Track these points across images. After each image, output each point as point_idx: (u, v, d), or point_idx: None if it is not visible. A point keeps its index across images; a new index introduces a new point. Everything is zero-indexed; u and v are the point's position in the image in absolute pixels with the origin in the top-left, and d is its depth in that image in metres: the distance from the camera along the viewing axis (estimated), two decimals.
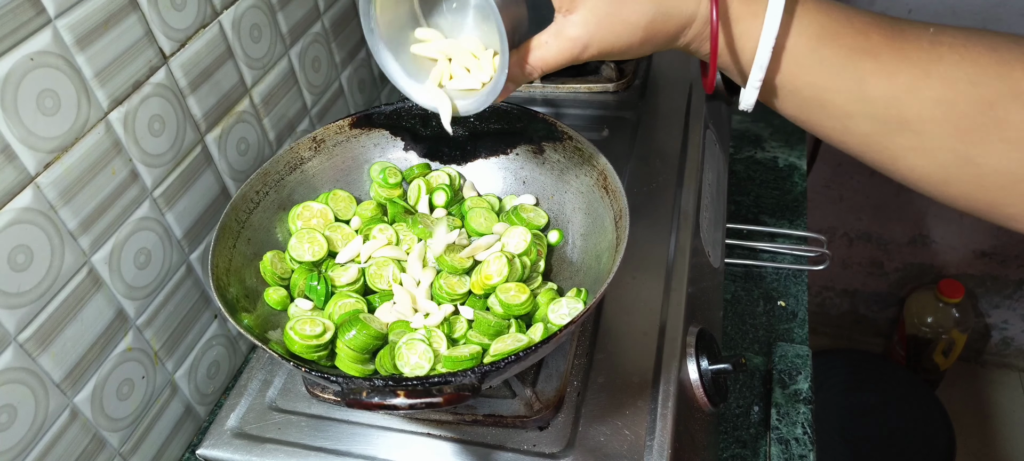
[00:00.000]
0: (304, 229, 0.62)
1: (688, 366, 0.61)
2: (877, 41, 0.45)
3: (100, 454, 0.61)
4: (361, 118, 0.67)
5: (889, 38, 0.45)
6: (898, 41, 0.44)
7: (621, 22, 0.46)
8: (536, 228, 0.63)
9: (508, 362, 0.46)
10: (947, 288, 1.73)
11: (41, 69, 0.51)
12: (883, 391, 1.75)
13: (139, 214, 0.62)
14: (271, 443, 0.58)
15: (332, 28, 0.87)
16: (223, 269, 0.55)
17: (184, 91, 0.65)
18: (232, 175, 0.73)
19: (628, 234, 0.53)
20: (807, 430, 0.70)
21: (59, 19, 0.52)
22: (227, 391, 0.76)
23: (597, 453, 0.54)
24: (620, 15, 0.46)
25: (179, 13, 0.63)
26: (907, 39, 0.44)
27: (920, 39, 0.44)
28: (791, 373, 0.74)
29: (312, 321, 0.54)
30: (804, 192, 1.00)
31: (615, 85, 0.91)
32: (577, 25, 0.47)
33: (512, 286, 0.57)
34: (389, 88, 1.03)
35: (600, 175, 0.60)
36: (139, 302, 0.63)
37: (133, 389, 0.64)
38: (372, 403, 0.44)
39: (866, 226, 1.81)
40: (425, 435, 0.58)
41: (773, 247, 0.91)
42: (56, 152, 0.53)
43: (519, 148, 0.67)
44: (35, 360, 0.54)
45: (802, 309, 0.84)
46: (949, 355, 1.82)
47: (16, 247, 0.51)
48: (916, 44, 0.44)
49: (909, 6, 1.43)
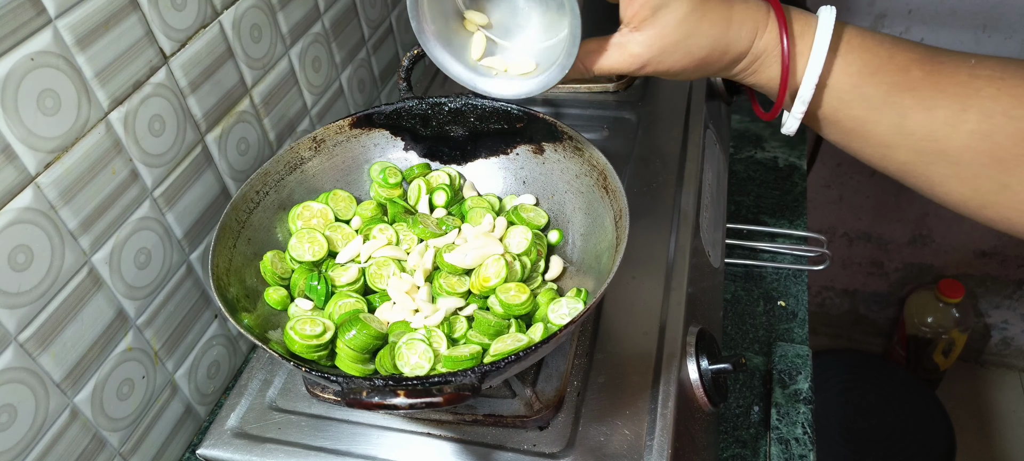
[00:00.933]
0: (304, 229, 0.62)
1: (688, 366, 0.61)
2: (917, 76, 0.46)
3: (100, 454, 0.61)
4: (361, 118, 0.67)
5: (929, 73, 0.46)
6: (936, 75, 0.46)
7: (684, 51, 0.48)
8: (536, 228, 0.63)
9: (508, 362, 0.46)
10: (947, 288, 1.73)
11: (41, 69, 0.51)
12: (883, 391, 1.75)
13: (139, 214, 0.62)
14: (271, 443, 0.58)
15: (332, 28, 0.87)
16: (223, 269, 0.55)
17: (184, 91, 0.65)
18: (232, 175, 0.73)
19: (628, 234, 0.53)
20: (807, 430, 0.70)
21: (59, 19, 0.52)
22: (227, 391, 0.76)
23: (597, 453, 0.54)
24: (684, 45, 0.48)
25: (179, 13, 0.63)
26: (945, 73, 0.46)
27: (958, 72, 0.45)
28: (791, 373, 0.74)
29: (312, 321, 0.54)
30: (804, 192, 1.00)
31: (615, 85, 0.91)
32: (641, 44, 0.48)
33: (512, 286, 0.57)
34: (389, 88, 1.03)
35: (600, 175, 0.60)
36: (139, 302, 0.63)
37: (133, 389, 0.64)
38: (372, 403, 0.44)
39: (866, 226, 1.81)
40: (425, 435, 0.58)
41: (773, 247, 0.91)
42: (56, 152, 0.53)
43: (519, 148, 0.67)
44: (35, 360, 0.54)
45: (802, 309, 0.84)
46: (949, 355, 1.82)
47: (16, 247, 0.51)
48: (954, 78, 0.45)
49: (909, 6, 1.43)
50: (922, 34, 1.46)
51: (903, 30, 1.47)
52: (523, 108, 0.64)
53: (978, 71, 0.45)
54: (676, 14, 0.47)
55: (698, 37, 0.48)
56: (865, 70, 0.47)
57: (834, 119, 0.49)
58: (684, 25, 0.47)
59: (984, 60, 0.45)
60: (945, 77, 0.45)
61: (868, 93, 0.47)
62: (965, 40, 1.44)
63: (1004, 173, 0.44)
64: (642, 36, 0.48)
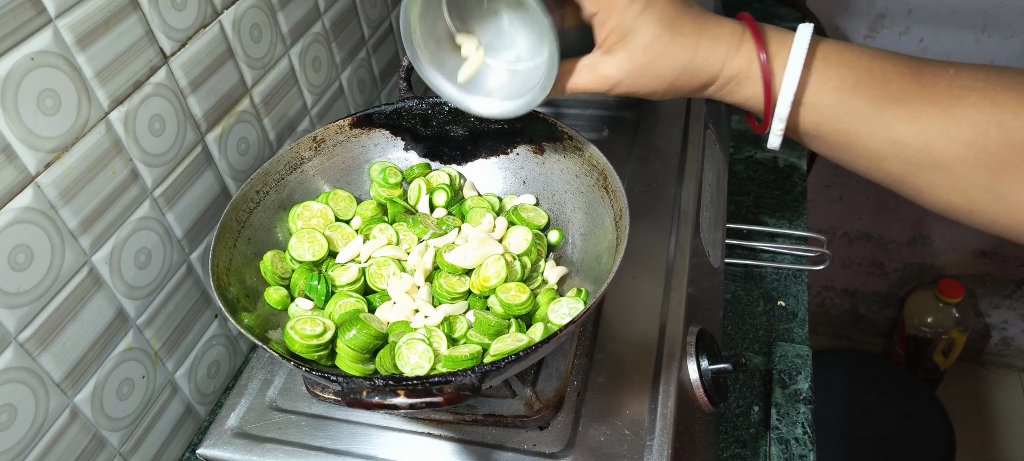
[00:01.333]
0: (304, 229, 0.62)
1: (688, 366, 0.61)
2: (901, 87, 0.47)
3: (100, 454, 0.61)
4: (361, 118, 0.67)
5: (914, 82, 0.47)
6: (919, 85, 0.46)
7: (652, 74, 0.50)
8: (536, 228, 0.63)
9: (508, 362, 0.46)
10: (947, 288, 1.73)
11: (41, 69, 0.51)
12: (883, 391, 1.75)
13: (139, 214, 0.62)
14: (271, 443, 0.58)
15: (332, 28, 0.87)
16: (223, 269, 0.56)
17: (184, 91, 0.65)
18: (232, 175, 0.73)
19: (628, 234, 0.53)
20: (807, 430, 0.70)
21: (59, 19, 0.52)
22: (227, 391, 0.76)
23: (597, 453, 0.54)
24: (652, 69, 0.50)
25: (179, 13, 0.63)
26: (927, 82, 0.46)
27: (939, 80, 0.46)
28: (791, 373, 0.75)
29: (312, 321, 0.54)
30: (804, 192, 1.00)
31: None
32: (612, 66, 0.51)
33: (512, 286, 0.57)
34: (389, 88, 1.03)
35: (600, 175, 0.60)
36: (139, 302, 0.63)
37: (133, 389, 0.64)
38: (372, 403, 0.44)
39: (866, 226, 1.81)
40: (425, 435, 0.58)
41: (773, 247, 0.91)
42: (56, 152, 0.53)
43: (519, 148, 0.67)
44: (35, 360, 0.54)
45: (802, 309, 0.84)
46: (949, 355, 1.82)
47: (16, 247, 0.51)
48: (936, 87, 0.46)
49: (909, 6, 1.43)
50: (922, 34, 1.46)
51: (903, 30, 1.47)
52: None
53: (958, 80, 0.46)
54: (644, 38, 0.49)
55: (666, 60, 0.50)
56: (844, 84, 0.48)
57: (817, 133, 0.50)
58: (652, 49, 0.49)
59: (964, 68, 0.46)
60: (928, 87, 0.46)
61: (852, 106, 0.48)
62: (965, 40, 1.44)
63: (997, 181, 0.45)
64: (613, 59, 0.50)
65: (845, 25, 1.50)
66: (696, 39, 0.50)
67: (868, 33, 1.50)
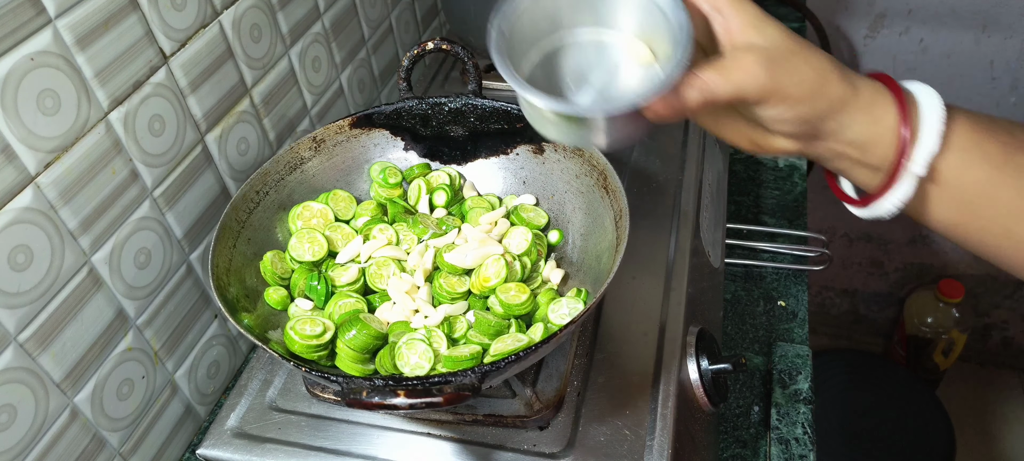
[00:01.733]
0: (304, 229, 0.62)
1: (688, 366, 0.61)
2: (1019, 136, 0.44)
3: (100, 454, 0.61)
4: (361, 118, 0.67)
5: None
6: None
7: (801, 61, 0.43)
8: (536, 228, 0.63)
9: (508, 362, 0.46)
10: (947, 288, 1.72)
11: (41, 69, 0.51)
12: (883, 391, 1.75)
13: (139, 214, 0.62)
14: (271, 443, 0.58)
15: (332, 28, 0.87)
16: (223, 269, 0.55)
17: (184, 91, 0.65)
18: (232, 175, 0.73)
19: (628, 234, 0.53)
20: (807, 430, 0.70)
21: (59, 19, 0.52)
22: (227, 391, 0.76)
23: (597, 453, 0.54)
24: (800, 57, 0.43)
25: (179, 13, 0.63)
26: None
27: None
28: (791, 373, 0.74)
29: (312, 321, 0.54)
30: (804, 192, 1.00)
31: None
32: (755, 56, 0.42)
33: (512, 286, 0.57)
34: (389, 88, 1.03)
35: (600, 175, 0.60)
36: (139, 302, 0.63)
37: (133, 389, 0.64)
38: (372, 403, 0.44)
39: (866, 226, 1.81)
40: (425, 435, 0.58)
41: (773, 247, 0.91)
42: (56, 152, 0.53)
43: (519, 148, 0.67)
44: (35, 360, 0.54)
45: (802, 309, 0.84)
46: (949, 355, 1.82)
47: (16, 247, 0.51)
48: None
49: (909, 6, 1.43)
50: (922, 34, 1.46)
51: (903, 30, 1.47)
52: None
53: None
54: (779, 30, 0.43)
55: (808, 54, 0.43)
56: (975, 129, 0.44)
57: (958, 182, 0.44)
58: (789, 39, 0.43)
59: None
60: None
61: (990, 151, 0.43)
62: (965, 40, 1.44)
63: None
64: (752, 53, 0.42)
65: (845, 25, 1.50)
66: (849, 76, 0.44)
67: (868, 33, 1.50)
